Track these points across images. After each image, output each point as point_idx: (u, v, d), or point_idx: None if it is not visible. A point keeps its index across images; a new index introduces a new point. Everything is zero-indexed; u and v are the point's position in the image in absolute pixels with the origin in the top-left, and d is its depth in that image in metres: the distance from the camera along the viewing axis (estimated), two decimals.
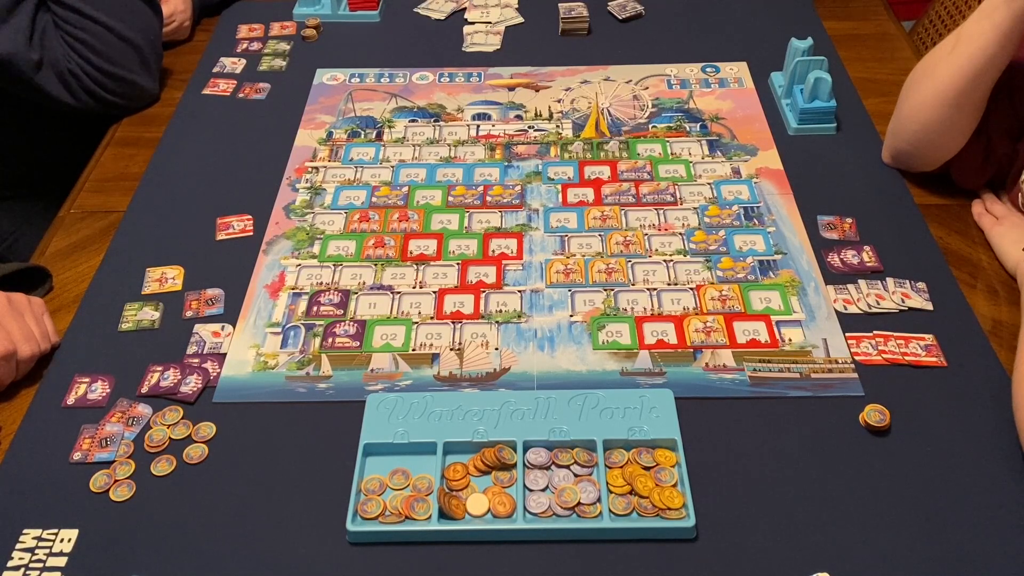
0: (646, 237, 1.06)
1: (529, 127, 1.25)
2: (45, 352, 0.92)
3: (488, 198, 1.13)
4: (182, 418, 0.87)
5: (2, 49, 1.14)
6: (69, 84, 1.21)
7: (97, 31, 1.21)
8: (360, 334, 0.95)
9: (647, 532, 0.76)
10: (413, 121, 1.27)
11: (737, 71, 1.35)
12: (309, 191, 1.15)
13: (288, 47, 1.44)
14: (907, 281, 0.99)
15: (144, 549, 0.77)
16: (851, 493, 0.80)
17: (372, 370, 0.92)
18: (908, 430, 0.85)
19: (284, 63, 1.40)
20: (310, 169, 1.19)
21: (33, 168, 1.42)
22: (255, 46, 1.44)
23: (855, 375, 0.90)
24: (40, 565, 0.75)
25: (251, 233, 1.08)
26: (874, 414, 0.84)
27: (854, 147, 1.20)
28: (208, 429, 0.86)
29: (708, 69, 1.36)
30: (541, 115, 1.27)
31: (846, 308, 0.97)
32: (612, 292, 0.99)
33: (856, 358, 0.91)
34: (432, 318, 0.97)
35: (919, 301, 0.97)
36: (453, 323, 0.97)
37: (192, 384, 0.90)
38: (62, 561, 0.76)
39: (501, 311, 0.98)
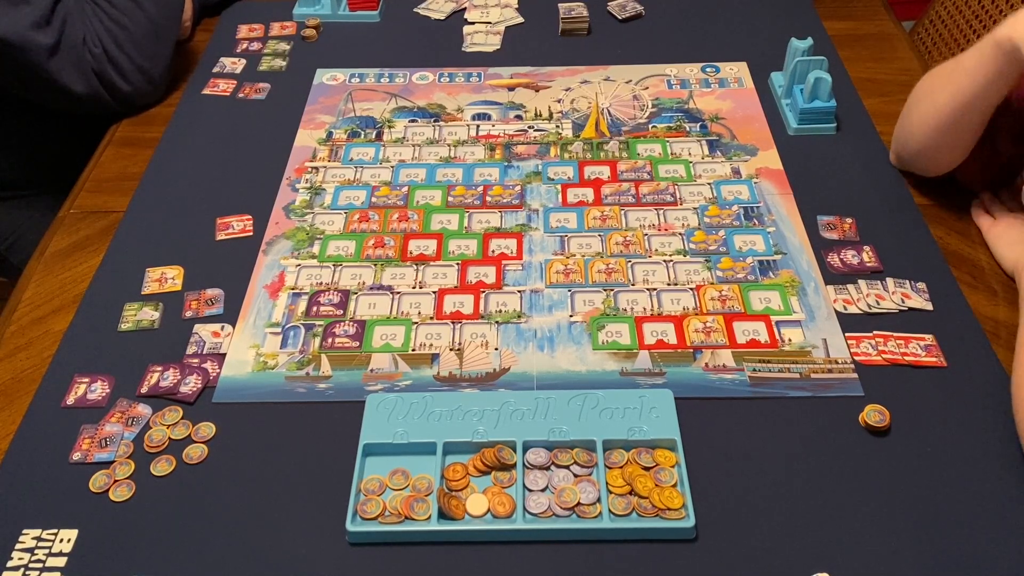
0: (646, 237, 1.06)
1: (529, 127, 1.25)
2: None
3: (488, 198, 1.13)
4: (182, 418, 0.87)
5: (6, 33, 1.13)
6: (85, 68, 1.20)
7: (139, 19, 1.22)
8: (360, 334, 0.95)
9: (647, 532, 0.76)
10: (413, 121, 1.27)
11: (737, 71, 1.35)
12: (309, 191, 1.15)
13: (288, 47, 1.44)
14: (907, 281, 0.99)
15: (144, 549, 0.77)
16: (851, 493, 0.80)
17: (372, 370, 0.92)
18: (908, 430, 0.85)
19: (284, 63, 1.40)
20: (310, 169, 1.19)
21: (33, 168, 1.42)
22: (255, 46, 1.44)
23: (855, 375, 0.90)
24: (40, 565, 0.75)
25: (251, 233, 1.09)
26: (874, 414, 0.84)
27: (854, 147, 1.20)
28: (208, 429, 0.86)
29: (708, 69, 1.36)
30: (541, 115, 1.27)
31: (846, 308, 0.97)
32: (612, 292, 0.99)
33: (856, 358, 0.91)
34: (432, 318, 0.97)
35: (919, 301, 0.97)
36: (453, 323, 0.97)
37: (192, 384, 0.90)
38: (62, 561, 0.76)
39: (501, 311, 0.98)
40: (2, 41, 1.13)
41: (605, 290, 1.00)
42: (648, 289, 1.00)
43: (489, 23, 1.47)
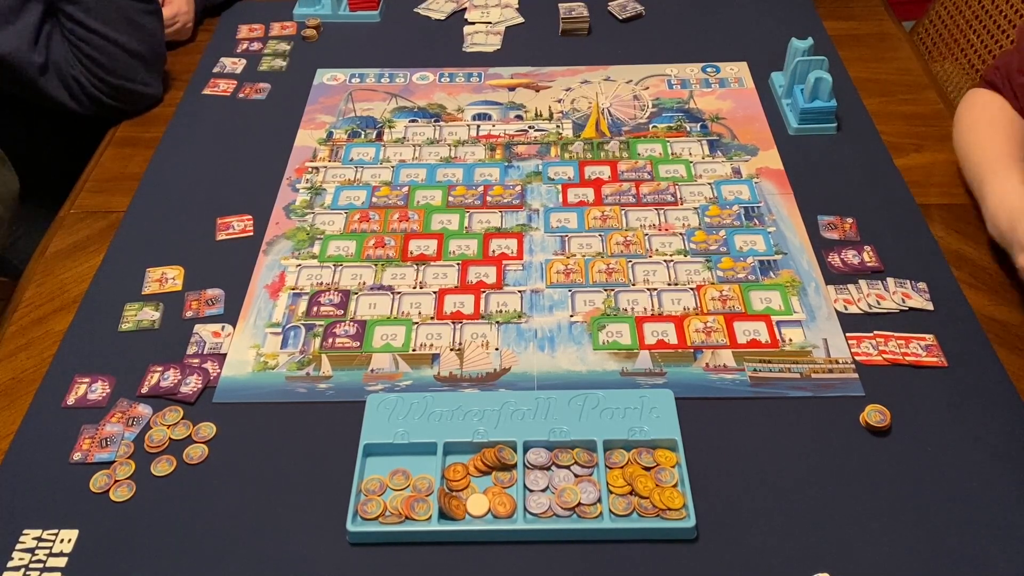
0: (646, 237, 1.06)
1: (529, 127, 1.25)
2: None
3: (488, 198, 1.13)
4: (182, 418, 0.87)
5: (4, 49, 1.14)
6: (72, 89, 1.21)
7: (103, 46, 1.21)
8: (360, 334, 0.95)
9: (647, 532, 0.76)
10: (413, 121, 1.27)
11: (737, 71, 1.35)
12: (309, 191, 1.15)
13: (288, 47, 1.44)
14: (908, 281, 0.99)
15: (144, 549, 0.77)
16: (851, 493, 0.80)
17: (372, 370, 0.92)
18: (908, 430, 0.85)
19: (284, 63, 1.40)
20: (310, 169, 1.19)
21: (33, 168, 1.42)
22: (255, 46, 1.44)
23: (855, 375, 0.90)
24: (40, 565, 0.75)
25: (251, 233, 1.08)
26: (874, 414, 0.84)
27: (854, 147, 1.20)
28: (208, 429, 0.86)
29: (708, 69, 1.36)
30: (541, 115, 1.27)
31: (846, 308, 0.97)
32: (612, 292, 0.99)
33: (856, 358, 0.91)
34: (432, 318, 0.97)
35: (920, 301, 0.97)
36: (453, 323, 0.97)
37: (192, 384, 0.90)
38: (62, 561, 0.76)
39: (501, 311, 0.98)
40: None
41: (606, 290, 1.00)
42: (649, 289, 1.00)
43: (489, 23, 1.47)
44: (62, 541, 0.77)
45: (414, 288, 1.01)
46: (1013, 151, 1.03)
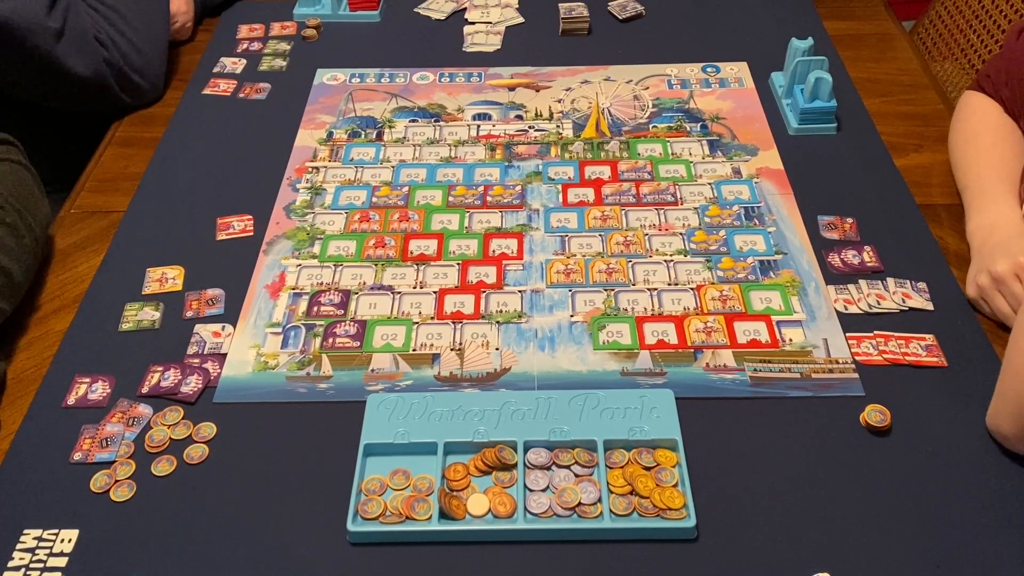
0: (646, 237, 1.06)
1: (529, 127, 1.25)
2: None
3: (488, 198, 1.13)
4: (182, 418, 0.87)
5: (19, 16, 1.13)
6: (91, 53, 1.21)
7: (132, 8, 1.24)
8: (360, 334, 0.95)
9: (648, 532, 0.76)
10: (413, 121, 1.27)
11: (737, 71, 1.35)
12: (309, 191, 1.15)
13: (288, 47, 1.44)
14: (908, 281, 0.99)
15: (144, 549, 0.77)
16: (851, 493, 0.80)
17: (372, 370, 0.92)
18: (908, 430, 0.85)
19: (284, 63, 1.40)
20: (310, 169, 1.19)
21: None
22: (255, 46, 1.44)
23: (855, 375, 0.90)
24: (40, 565, 0.75)
25: (251, 233, 1.08)
26: (875, 414, 0.84)
27: (854, 147, 1.20)
28: (208, 429, 0.86)
29: (708, 69, 1.36)
30: (541, 115, 1.27)
31: (847, 308, 0.97)
32: (612, 292, 0.99)
33: (857, 358, 0.91)
34: (432, 318, 0.97)
35: (920, 301, 0.97)
36: (453, 323, 0.97)
37: (192, 384, 0.90)
38: (62, 561, 0.76)
39: (501, 311, 0.98)
40: (9, 24, 1.13)
41: (606, 290, 1.00)
42: (649, 289, 1.00)
43: (489, 23, 1.47)
44: (62, 541, 0.77)
45: (414, 288, 1.01)
46: (1011, 172, 1.03)
